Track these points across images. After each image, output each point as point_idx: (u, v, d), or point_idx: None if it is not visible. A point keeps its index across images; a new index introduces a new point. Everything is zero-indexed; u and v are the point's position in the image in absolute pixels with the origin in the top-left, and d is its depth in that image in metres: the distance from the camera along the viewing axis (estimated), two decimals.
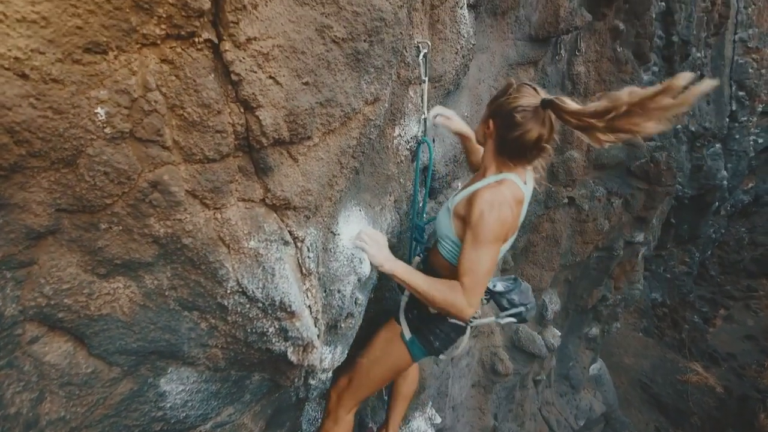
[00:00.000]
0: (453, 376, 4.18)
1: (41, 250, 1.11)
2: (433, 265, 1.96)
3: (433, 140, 2.46)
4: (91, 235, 1.13)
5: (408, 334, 1.98)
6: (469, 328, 2.03)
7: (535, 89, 1.64)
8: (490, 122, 1.71)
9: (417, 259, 2.18)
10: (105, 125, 1.04)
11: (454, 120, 2.16)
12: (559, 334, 5.36)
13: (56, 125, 0.99)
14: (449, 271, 1.80)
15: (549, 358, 5.72)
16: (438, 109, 2.12)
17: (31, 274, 1.11)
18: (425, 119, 2.09)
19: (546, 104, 1.55)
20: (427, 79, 2.03)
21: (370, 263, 1.74)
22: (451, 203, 1.79)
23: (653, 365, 9.21)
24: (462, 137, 2.19)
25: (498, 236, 1.59)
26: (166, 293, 1.27)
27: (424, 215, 2.23)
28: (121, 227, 1.15)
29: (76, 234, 1.12)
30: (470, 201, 1.65)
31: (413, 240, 2.19)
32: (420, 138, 2.12)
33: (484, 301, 2.05)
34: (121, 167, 1.08)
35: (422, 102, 2.07)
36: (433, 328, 1.96)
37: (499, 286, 2.00)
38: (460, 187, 1.96)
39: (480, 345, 4.53)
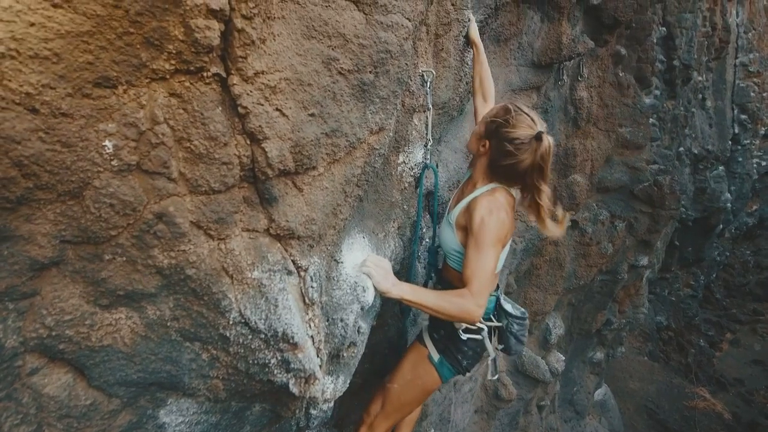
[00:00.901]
0: (455, 402, 4.11)
1: (44, 281, 1.11)
2: (447, 280, 2.02)
3: (437, 165, 2.47)
4: (94, 266, 1.13)
5: (436, 356, 2.00)
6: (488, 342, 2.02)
7: (532, 119, 1.70)
8: (486, 143, 1.79)
9: (431, 282, 2.23)
10: (112, 158, 1.05)
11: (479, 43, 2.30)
12: (563, 358, 5.28)
13: (64, 158, 1.00)
14: (461, 279, 1.85)
15: (553, 383, 5.62)
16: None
17: (33, 305, 1.11)
18: (430, 145, 2.11)
19: (539, 138, 1.64)
20: (432, 106, 2.06)
21: (377, 290, 1.73)
22: (451, 218, 1.88)
23: (659, 390, 9.05)
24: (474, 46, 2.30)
25: (499, 238, 1.68)
26: (168, 324, 1.26)
27: (436, 238, 2.27)
28: (125, 258, 1.15)
29: (79, 265, 1.12)
30: (469, 210, 1.75)
31: (428, 264, 2.23)
32: (427, 163, 2.13)
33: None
34: (127, 199, 1.08)
35: (426, 129, 2.09)
36: (461, 346, 1.98)
37: (509, 308, 2.02)
38: (451, 202, 2.02)
39: (483, 370, 4.46)
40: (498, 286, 2.08)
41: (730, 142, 9.87)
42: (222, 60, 1.12)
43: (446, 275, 2.04)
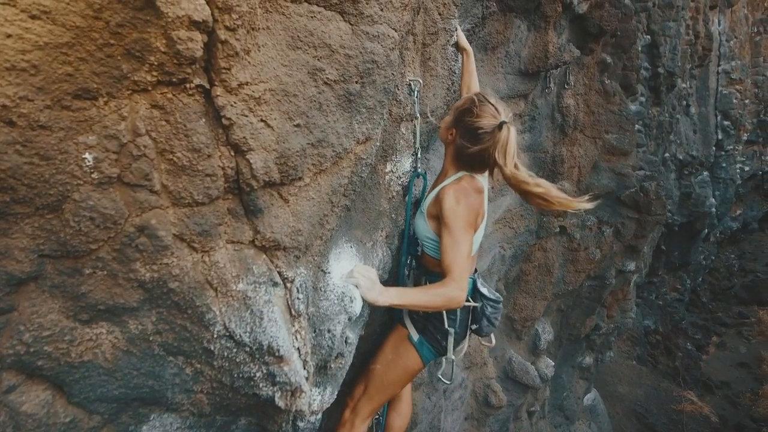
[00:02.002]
0: (445, 410, 4.10)
1: (22, 297, 1.08)
2: (425, 266, 2.09)
3: (425, 173, 2.47)
4: (74, 281, 1.11)
5: (415, 336, 2.03)
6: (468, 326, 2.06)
7: (497, 109, 1.79)
8: (453, 131, 1.89)
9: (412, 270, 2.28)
10: (92, 170, 1.03)
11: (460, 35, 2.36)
12: (553, 364, 5.30)
13: (42, 171, 0.98)
14: (439, 265, 1.92)
15: (543, 388, 5.64)
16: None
17: (10, 321, 1.08)
18: (419, 154, 2.12)
19: (500, 127, 1.73)
20: (420, 115, 2.06)
21: (365, 300, 1.72)
22: (423, 207, 1.97)
23: (647, 394, 9.11)
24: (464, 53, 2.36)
25: (469, 223, 1.78)
26: (151, 338, 1.24)
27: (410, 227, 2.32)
28: (105, 272, 1.13)
29: (58, 280, 1.10)
30: (438, 200, 1.84)
31: (408, 254, 2.24)
32: (418, 171, 2.15)
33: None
34: (108, 212, 1.06)
35: (414, 138, 2.09)
36: (440, 326, 2.00)
37: (485, 291, 2.06)
38: (426, 193, 2.09)
39: (473, 377, 4.46)
40: (476, 270, 2.14)
41: (714, 148, 10.04)
42: (205, 71, 1.11)
43: (423, 261, 2.11)
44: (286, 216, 1.36)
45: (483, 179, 1.94)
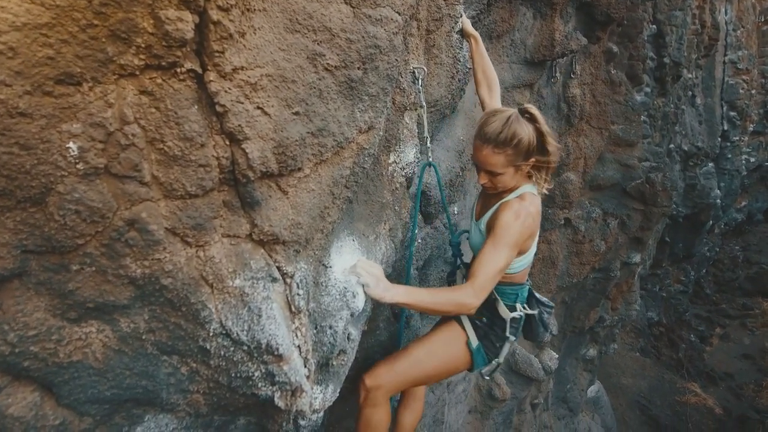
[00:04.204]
0: (449, 403, 4.06)
1: (5, 294, 1.03)
2: None
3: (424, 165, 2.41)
4: (61, 277, 1.05)
5: (475, 342, 1.99)
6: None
7: (497, 109, 1.79)
8: (510, 168, 1.77)
9: (459, 273, 2.28)
10: (77, 161, 0.97)
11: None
12: (557, 356, 5.26)
13: (23, 162, 0.92)
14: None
15: (546, 381, 5.61)
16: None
17: None
18: (429, 143, 2.10)
19: (522, 113, 1.74)
20: (425, 103, 2.00)
21: (370, 297, 1.67)
22: (481, 225, 1.92)
23: (651, 386, 9.09)
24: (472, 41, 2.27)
25: (517, 242, 1.73)
26: (144, 337, 1.18)
27: (453, 230, 2.38)
28: (94, 268, 1.07)
29: (44, 276, 1.04)
30: (497, 213, 1.79)
31: (453, 256, 2.31)
32: (429, 161, 2.13)
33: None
34: (95, 205, 1.00)
35: (423, 127, 2.06)
36: (502, 333, 1.98)
37: (541, 298, 2.07)
38: (475, 210, 2.03)
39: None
40: (528, 279, 2.09)
41: (719, 139, 9.92)
42: (197, 55, 1.04)
43: None
44: (285, 208, 1.30)
45: (539, 199, 1.88)
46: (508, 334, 1.97)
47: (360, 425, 2.00)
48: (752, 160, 11.71)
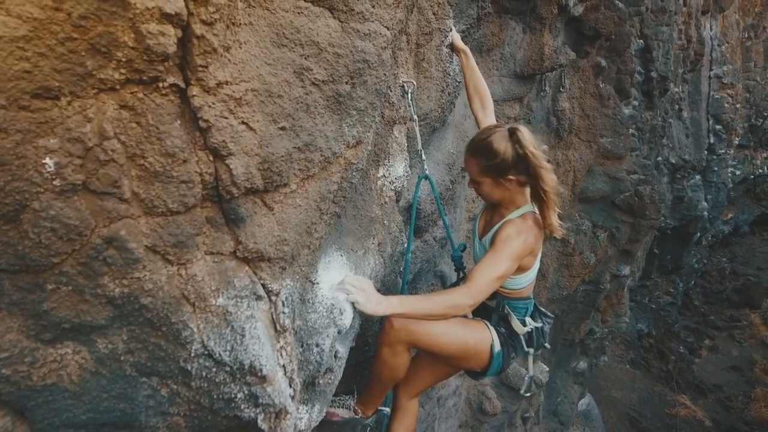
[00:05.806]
0: (439, 418, 4.01)
1: None
2: (499, 293, 2.07)
3: (425, 176, 2.40)
4: (35, 297, 1.01)
5: (498, 347, 1.99)
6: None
7: (493, 126, 1.86)
8: (486, 179, 1.84)
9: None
10: (54, 177, 0.94)
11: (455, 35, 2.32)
12: (547, 369, 5.24)
13: None
14: (512, 292, 1.99)
15: (537, 394, 5.58)
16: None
17: None
18: (423, 156, 2.11)
19: (512, 132, 1.76)
20: (416, 117, 2.00)
21: (363, 313, 1.63)
22: (486, 242, 1.96)
23: (641, 398, 9.10)
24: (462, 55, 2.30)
25: (518, 256, 1.77)
26: (122, 358, 1.14)
27: (454, 244, 2.40)
28: (70, 287, 1.03)
29: (17, 296, 1.00)
30: (500, 229, 1.84)
31: (456, 270, 2.35)
32: (425, 172, 2.15)
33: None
34: (71, 222, 0.97)
35: (417, 139, 2.08)
36: (519, 346, 2.03)
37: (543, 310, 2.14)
38: (478, 228, 2.07)
39: (467, 384, 4.38)
40: (531, 296, 2.12)
41: (706, 152, 10.07)
42: (180, 69, 1.02)
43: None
44: (270, 225, 1.27)
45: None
46: (526, 348, 2.03)
47: (376, 363, 2.04)
48: (738, 173, 11.90)
